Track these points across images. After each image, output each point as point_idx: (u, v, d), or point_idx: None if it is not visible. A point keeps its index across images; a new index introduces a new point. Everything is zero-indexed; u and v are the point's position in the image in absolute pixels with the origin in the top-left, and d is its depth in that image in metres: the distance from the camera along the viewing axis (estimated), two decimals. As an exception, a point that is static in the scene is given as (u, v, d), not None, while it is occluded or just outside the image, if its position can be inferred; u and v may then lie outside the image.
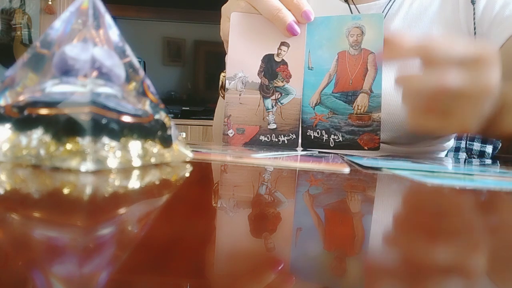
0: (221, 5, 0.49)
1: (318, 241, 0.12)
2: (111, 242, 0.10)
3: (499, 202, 0.20)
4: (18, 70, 0.22)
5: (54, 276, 0.08)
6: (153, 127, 0.22)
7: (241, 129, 0.48)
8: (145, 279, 0.08)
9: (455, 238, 0.13)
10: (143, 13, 2.57)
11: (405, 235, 0.13)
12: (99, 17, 0.22)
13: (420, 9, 0.61)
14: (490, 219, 0.16)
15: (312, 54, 0.47)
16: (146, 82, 0.23)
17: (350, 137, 0.46)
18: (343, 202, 0.18)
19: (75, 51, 0.21)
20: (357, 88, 0.46)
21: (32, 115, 0.20)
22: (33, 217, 0.12)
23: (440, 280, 0.09)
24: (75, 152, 0.18)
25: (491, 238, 0.13)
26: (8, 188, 0.16)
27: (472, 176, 0.27)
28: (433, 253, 0.11)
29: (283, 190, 0.20)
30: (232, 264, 0.09)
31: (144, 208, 0.14)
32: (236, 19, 0.47)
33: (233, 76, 0.48)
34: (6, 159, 0.19)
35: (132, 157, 0.21)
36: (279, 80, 0.47)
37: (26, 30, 2.34)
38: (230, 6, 0.48)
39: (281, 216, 0.14)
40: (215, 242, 0.11)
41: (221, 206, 0.15)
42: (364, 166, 0.29)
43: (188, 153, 0.25)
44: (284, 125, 0.48)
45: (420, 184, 0.22)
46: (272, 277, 0.09)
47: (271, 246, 0.11)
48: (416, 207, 0.18)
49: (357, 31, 0.46)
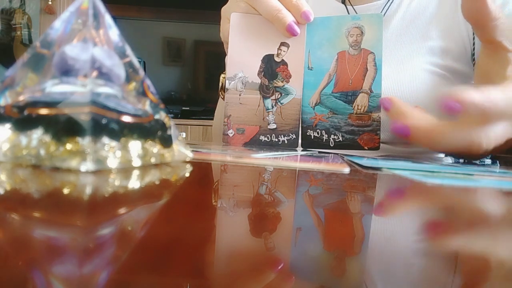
0: (221, 5, 0.49)
1: (318, 241, 0.12)
2: (111, 242, 0.10)
3: (499, 202, 0.20)
4: (18, 70, 0.22)
5: (54, 276, 0.08)
6: (153, 127, 0.22)
7: (241, 129, 0.48)
8: (145, 279, 0.08)
9: (455, 238, 0.13)
10: (143, 13, 2.57)
11: (405, 235, 0.13)
12: (99, 17, 0.22)
13: (418, 9, 0.61)
14: (491, 219, 0.16)
15: (311, 54, 0.47)
16: (146, 82, 0.23)
17: (350, 137, 0.46)
18: (343, 202, 0.18)
19: (75, 51, 0.21)
20: (357, 88, 0.46)
21: (32, 115, 0.20)
22: (33, 217, 0.12)
23: (441, 280, 0.09)
24: (75, 152, 0.18)
25: (492, 237, 0.13)
26: (8, 188, 0.16)
27: (472, 176, 0.27)
28: (434, 252, 0.11)
29: (282, 190, 0.20)
30: (232, 264, 0.09)
31: (144, 208, 0.14)
32: (236, 20, 0.47)
33: (233, 76, 0.48)
34: (6, 159, 0.19)
35: (132, 157, 0.21)
36: (279, 80, 0.47)
37: (26, 30, 2.34)
38: (230, 7, 0.48)
39: (280, 216, 0.14)
40: (215, 242, 0.11)
41: (221, 206, 0.15)
42: (364, 166, 0.29)
43: (188, 153, 0.25)
44: (284, 125, 0.48)
45: (420, 184, 0.22)
46: (272, 277, 0.09)
47: (271, 246, 0.11)
48: (416, 207, 0.18)
49: (357, 31, 0.46)
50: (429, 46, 0.60)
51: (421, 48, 0.60)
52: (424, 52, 0.60)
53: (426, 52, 0.60)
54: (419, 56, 0.60)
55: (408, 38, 0.61)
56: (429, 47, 0.60)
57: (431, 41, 0.60)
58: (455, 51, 0.60)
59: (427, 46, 0.60)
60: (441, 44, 0.60)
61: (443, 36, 0.60)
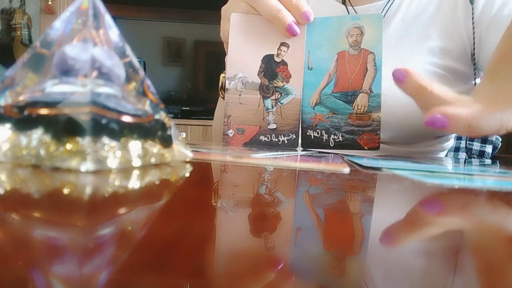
0: (221, 5, 0.49)
1: (318, 241, 0.12)
2: (111, 242, 0.10)
3: (499, 201, 0.20)
4: (18, 70, 0.22)
5: (54, 276, 0.08)
6: (153, 127, 0.22)
7: (241, 129, 0.48)
8: (145, 279, 0.08)
9: (454, 238, 0.13)
10: (143, 13, 2.57)
11: (405, 235, 0.13)
12: (99, 17, 0.22)
13: (418, 10, 0.61)
14: (491, 219, 0.16)
15: (311, 54, 0.47)
16: (146, 82, 0.23)
17: (350, 137, 0.46)
18: (342, 202, 0.18)
19: (75, 51, 0.21)
20: (357, 88, 0.46)
21: (32, 115, 0.20)
22: (33, 217, 0.12)
23: (441, 279, 0.09)
24: (75, 152, 0.18)
25: (491, 236, 0.13)
26: (8, 188, 0.16)
27: (472, 176, 0.27)
28: (435, 253, 0.11)
29: (282, 190, 0.20)
30: (232, 263, 0.09)
31: (144, 208, 0.14)
32: (236, 20, 0.47)
33: (233, 76, 0.48)
34: (6, 159, 0.19)
35: (132, 157, 0.21)
36: (279, 80, 0.47)
37: (26, 30, 2.34)
38: (230, 7, 0.48)
39: (280, 216, 0.14)
40: (215, 242, 0.11)
41: (221, 206, 0.15)
42: (364, 166, 0.29)
43: (188, 153, 0.25)
44: (284, 125, 0.48)
45: (420, 184, 0.22)
46: (272, 277, 0.09)
47: (271, 246, 0.11)
48: (416, 207, 0.18)
49: (357, 31, 0.46)
50: (429, 46, 0.60)
51: (421, 48, 0.60)
52: (424, 52, 0.60)
53: (426, 53, 0.60)
54: (419, 56, 0.60)
55: (408, 39, 0.61)
56: (429, 47, 0.60)
57: (431, 41, 0.60)
58: (455, 51, 0.60)
59: (427, 46, 0.60)
60: (441, 45, 0.60)
61: (443, 37, 0.60)
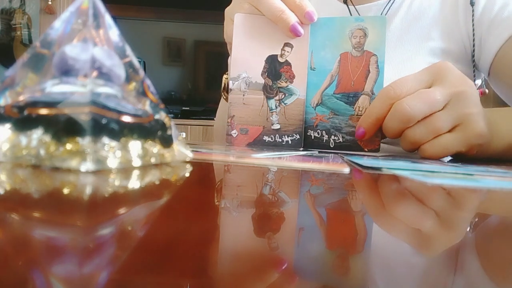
0: (221, 5, 0.49)
1: (320, 240, 0.12)
2: (111, 242, 0.10)
3: (499, 201, 0.20)
4: (18, 70, 0.22)
5: (54, 276, 0.08)
6: (153, 127, 0.22)
7: (245, 129, 0.48)
8: (145, 279, 0.08)
9: (454, 237, 0.13)
10: (143, 13, 2.57)
11: (405, 235, 0.13)
12: (99, 17, 0.22)
13: (419, 10, 0.61)
14: (492, 218, 0.16)
15: (314, 54, 0.47)
16: (146, 82, 0.23)
17: (351, 138, 0.46)
18: (342, 202, 0.18)
19: (75, 51, 0.21)
20: (359, 90, 0.46)
21: (32, 115, 0.20)
22: (33, 217, 0.12)
23: (441, 279, 0.09)
24: (75, 152, 0.18)
25: (492, 236, 0.13)
26: (8, 188, 0.16)
27: (472, 176, 0.27)
28: (436, 252, 0.11)
29: (282, 190, 0.20)
30: (235, 263, 0.09)
31: (144, 208, 0.14)
32: (240, 20, 0.47)
33: (237, 76, 0.48)
34: (6, 159, 0.19)
35: (132, 157, 0.21)
36: (283, 81, 0.47)
37: (26, 30, 2.34)
38: (234, 8, 0.48)
39: (282, 216, 0.14)
40: (215, 242, 0.11)
41: (221, 206, 0.15)
42: (364, 166, 0.29)
43: (188, 153, 0.25)
44: (287, 125, 0.48)
45: (420, 184, 0.22)
46: (275, 277, 0.09)
47: (274, 246, 0.11)
48: (416, 207, 0.18)
49: (360, 33, 0.46)
50: (430, 46, 0.60)
51: (421, 48, 0.60)
52: (424, 52, 0.60)
53: (427, 53, 0.60)
54: (419, 56, 0.60)
55: (409, 39, 0.61)
56: (429, 47, 0.60)
57: (432, 41, 0.60)
58: (455, 52, 0.60)
59: (427, 46, 0.60)
60: (442, 45, 0.60)
61: (443, 37, 0.60)
